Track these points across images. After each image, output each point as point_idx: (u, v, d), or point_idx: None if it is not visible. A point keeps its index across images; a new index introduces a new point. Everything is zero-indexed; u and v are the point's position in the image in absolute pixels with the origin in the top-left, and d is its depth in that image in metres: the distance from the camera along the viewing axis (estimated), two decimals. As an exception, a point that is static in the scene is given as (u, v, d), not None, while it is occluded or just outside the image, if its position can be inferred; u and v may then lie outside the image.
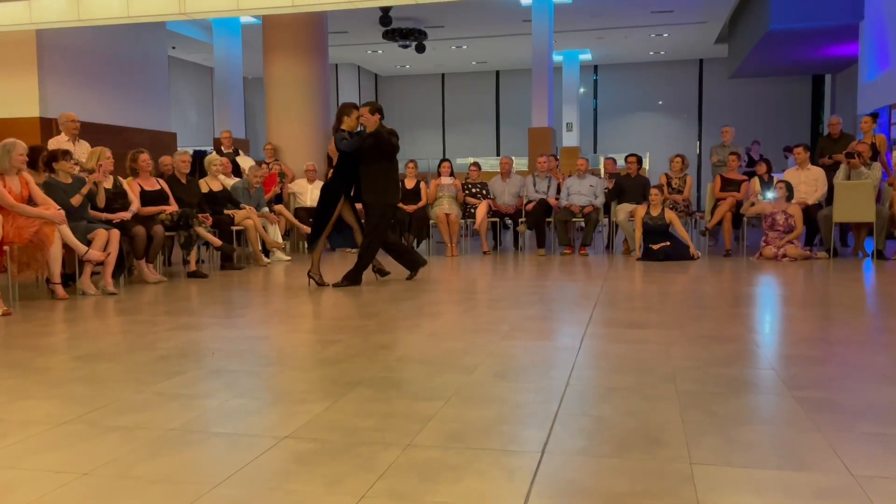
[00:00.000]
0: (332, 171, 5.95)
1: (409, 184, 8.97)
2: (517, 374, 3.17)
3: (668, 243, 7.63)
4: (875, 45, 11.81)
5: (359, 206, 6.10)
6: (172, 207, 6.70)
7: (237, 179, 8.50)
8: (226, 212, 7.52)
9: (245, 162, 9.73)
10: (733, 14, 14.99)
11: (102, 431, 2.44)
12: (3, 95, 8.48)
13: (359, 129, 5.92)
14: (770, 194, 7.74)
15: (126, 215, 6.20)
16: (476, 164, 9.54)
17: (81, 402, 2.78)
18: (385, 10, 12.98)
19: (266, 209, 8.21)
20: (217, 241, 7.01)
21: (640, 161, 8.86)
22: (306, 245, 6.18)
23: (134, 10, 7.31)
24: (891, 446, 2.22)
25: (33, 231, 5.28)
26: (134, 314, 4.85)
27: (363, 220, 6.08)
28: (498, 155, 18.62)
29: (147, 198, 6.59)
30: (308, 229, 8.73)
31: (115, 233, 5.84)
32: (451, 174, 9.15)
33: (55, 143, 7.15)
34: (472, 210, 9.01)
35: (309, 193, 9.34)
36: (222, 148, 10.01)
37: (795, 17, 11.83)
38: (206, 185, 7.61)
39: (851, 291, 5.63)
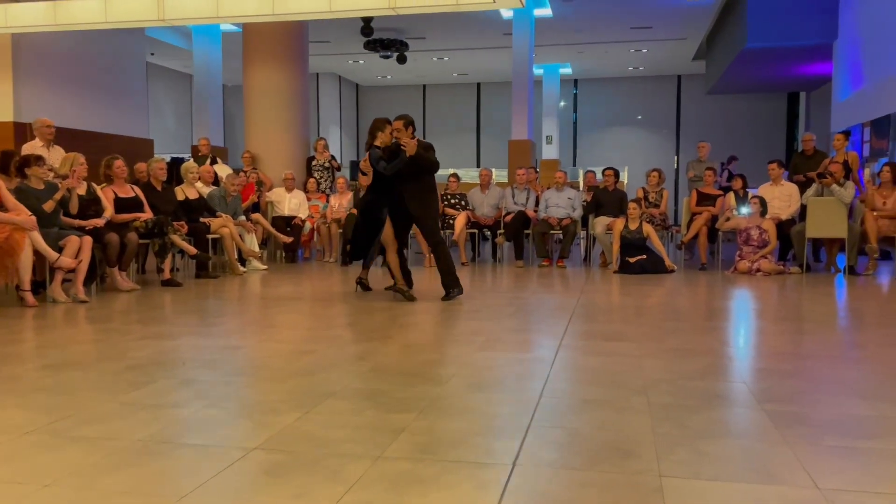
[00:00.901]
0: (366, 186, 5.87)
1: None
2: (491, 386, 3.16)
3: (645, 256, 7.69)
4: (848, 64, 12.04)
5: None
6: (147, 215, 6.63)
7: (214, 187, 8.44)
8: (202, 220, 7.46)
9: (222, 170, 9.66)
10: (711, 31, 15.23)
11: (67, 442, 2.40)
12: (-23, 99, 8.36)
13: (392, 142, 5.77)
14: (745, 209, 7.83)
15: (99, 222, 6.12)
16: (455, 175, 9.56)
17: (47, 412, 2.73)
18: (367, 21, 13.00)
19: (243, 217, 8.15)
20: (192, 250, 6.94)
21: (617, 175, 8.93)
22: (343, 260, 6.29)
23: (112, 15, 7.24)
24: (858, 460, 2.24)
25: (3, 237, 5.19)
26: (105, 323, 4.78)
27: (412, 233, 6.16)
28: (478, 166, 18.68)
29: (121, 205, 6.52)
30: (287, 239, 8.72)
31: (88, 240, 5.76)
32: (431, 185, 9.15)
33: (29, 149, 7.05)
34: (451, 221, 9.02)
35: (287, 202, 9.29)
36: (200, 155, 9.94)
37: (771, 35, 12.04)
38: (183, 192, 7.54)
39: (823, 306, 5.70)
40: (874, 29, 10.93)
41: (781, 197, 8.04)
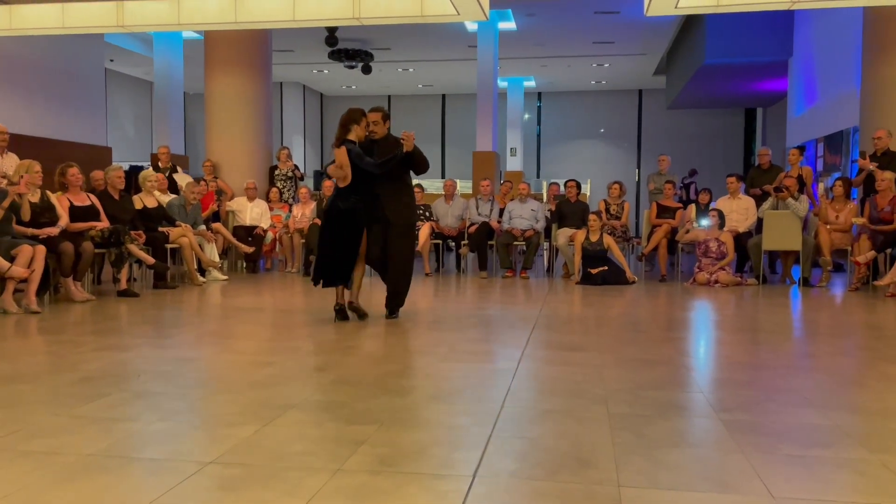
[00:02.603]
0: (332, 191, 5.18)
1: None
2: (453, 397, 3.15)
3: (606, 268, 7.77)
4: (803, 81, 12.38)
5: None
6: (103, 223, 6.49)
7: (174, 196, 8.30)
8: (161, 229, 7.33)
9: (182, 179, 9.51)
10: (671, 48, 15.54)
11: (14, 456, 2.32)
12: (-74, 103, 8.11)
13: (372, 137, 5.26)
14: (705, 222, 7.97)
15: (53, 231, 5.97)
16: (419, 185, 9.56)
17: (-7, 427, 2.64)
18: (331, 31, 12.96)
19: (203, 227, 8.03)
20: (150, 259, 6.81)
21: (579, 186, 9.02)
22: (314, 280, 5.09)
23: (70, 20, 7.11)
24: (810, 468, 2.28)
25: (-48, 245, 5.03)
26: (57, 334, 4.65)
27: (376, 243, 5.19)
28: (443, 177, 18.72)
29: (77, 213, 6.37)
30: (248, 249, 8.59)
31: (41, 249, 5.61)
32: (394, 195, 9.13)
33: (-20, 155, 6.86)
34: (415, 231, 9.00)
35: (248, 212, 9.18)
36: (160, 164, 9.78)
37: (729, 52, 12.33)
38: (141, 201, 7.41)
39: (778, 317, 5.82)
40: (828, 47, 11.27)
41: (739, 210, 8.20)
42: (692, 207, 8.42)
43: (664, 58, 16.32)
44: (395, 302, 5.36)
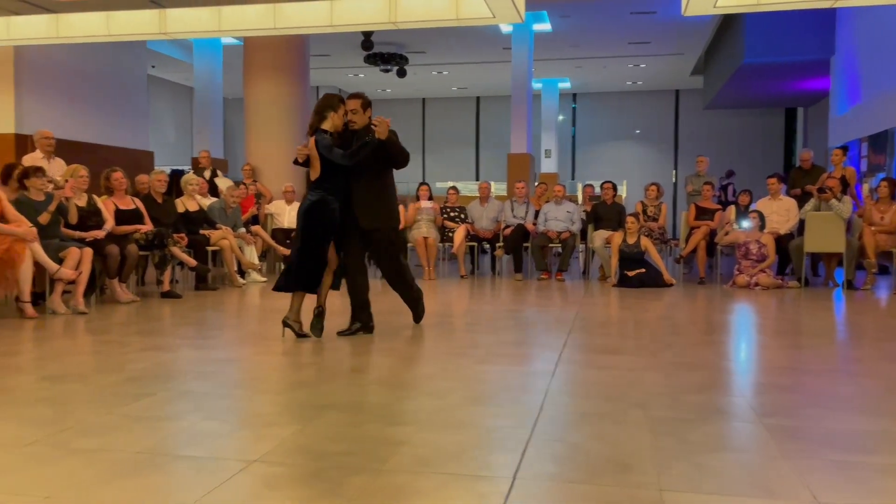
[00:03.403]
0: (309, 183, 4.53)
1: (388, 207, 8.97)
2: (491, 399, 3.16)
3: (644, 270, 7.69)
4: (846, 80, 12.11)
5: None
6: (147, 227, 6.64)
7: (214, 199, 8.45)
8: (202, 232, 7.47)
9: (223, 182, 9.68)
10: (708, 47, 15.33)
11: (66, 454, 2.39)
12: (-22, 111, 8.39)
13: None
14: (745, 223, 7.85)
15: (99, 234, 6.13)
16: (454, 188, 9.59)
17: (45, 424, 2.72)
18: (367, 35, 13.08)
19: (242, 230, 8.17)
20: (192, 262, 6.95)
21: (615, 188, 8.96)
22: (282, 284, 4.54)
23: (114, 28, 7.29)
24: (856, 474, 2.24)
25: (4, 248, 5.20)
26: (104, 334, 4.78)
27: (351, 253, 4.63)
28: (477, 179, 18.73)
29: (122, 217, 6.53)
30: (286, 251, 8.70)
31: (88, 251, 5.76)
32: (430, 198, 9.19)
33: (30, 160, 7.07)
34: (450, 234, 9.04)
35: (287, 214, 9.30)
36: (201, 167, 9.97)
37: (768, 51, 12.13)
38: (183, 204, 7.56)
39: (821, 321, 5.70)
40: (872, 45, 11.01)
41: (780, 211, 8.06)
42: (732, 209, 8.30)
43: (702, 57, 16.10)
44: (414, 311, 5.04)
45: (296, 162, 4.53)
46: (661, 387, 3.33)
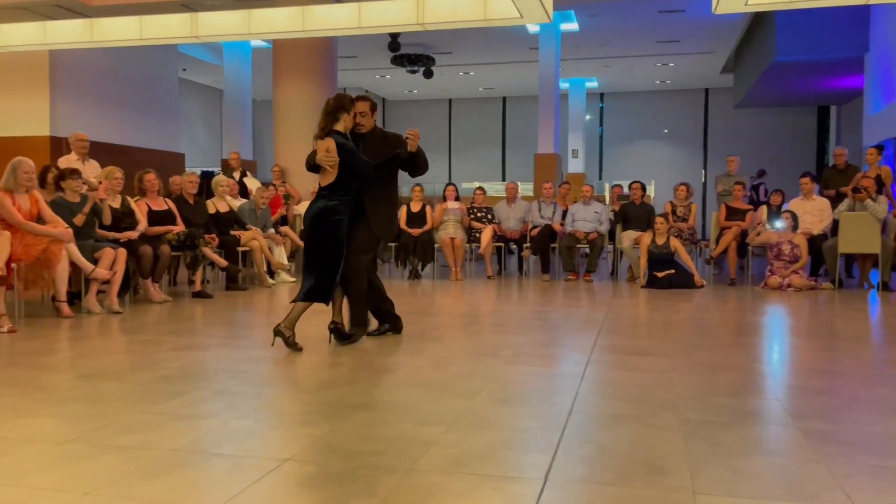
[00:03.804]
0: (320, 187, 4.36)
1: (415, 207, 9.01)
2: (520, 400, 3.16)
3: (673, 271, 7.62)
4: (880, 78, 11.87)
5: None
6: (179, 227, 6.74)
7: (244, 201, 8.55)
8: (232, 232, 7.56)
9: (252, 183, 9.79)
10: (739, 45, 15.12)
11: (104, 451, 2.44)
12: (15, 114, 8.57)
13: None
14: (778, 223, 7.74)
15: (133, 234, 6.24)
16: (481, 188, 9.58)
17: (83, 421, 2.78)
18: (394, 37, 13.13)
19: (272, 230, 8.25)
20: (223, 262, 7.04)
21: (644, 188, 8.89)
22: (304, 295, 4.19)
23: (147, 32, 7.41)
24: (894, 479, 2.20)
25: (41, 249, 5.31)
26: (138, 333, 4.86)
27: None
28: (504, 180, 18.69)
29: (154, 218, 6.63)
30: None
31: (122, 252, 5.86)
32: (457, 198, 9.19)
33: (65, 163, 7.21)
34: (477, 234, 9.04)
35: (315, 215, 9.37)
36: (231, 168, 10.08)
37: (801, 48, 11.93)
38: (213, 205, 7.66)
39: (856, 323, 5.61)
40: (907, 42, 10.77)
41: (813, 211, 7.94)
42: (763, 209, 8.19)
43: (732, 56, 15.90)
44: (352, 316, 4.58)
45: (311, 168, 4.39)
46: (692, 389, 3.30)
